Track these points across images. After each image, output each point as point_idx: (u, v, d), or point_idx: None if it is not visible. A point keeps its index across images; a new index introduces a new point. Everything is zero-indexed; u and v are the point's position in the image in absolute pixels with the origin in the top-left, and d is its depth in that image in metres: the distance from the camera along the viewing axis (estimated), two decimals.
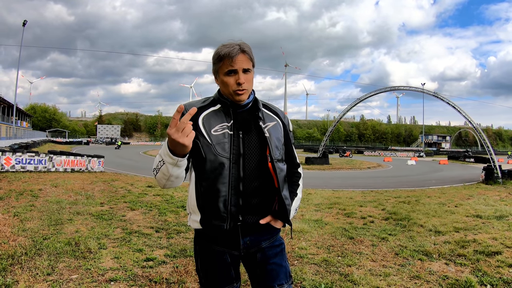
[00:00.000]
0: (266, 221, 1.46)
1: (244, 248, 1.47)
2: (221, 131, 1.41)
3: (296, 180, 1.60)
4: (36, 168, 12.25)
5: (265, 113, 1.51)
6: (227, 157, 1.38)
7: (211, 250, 1.49)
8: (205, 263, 1.51)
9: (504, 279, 3.26)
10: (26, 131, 49.66)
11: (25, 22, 32.48)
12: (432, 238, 4.92)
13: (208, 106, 1.47)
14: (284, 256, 1.56)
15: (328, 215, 6.63)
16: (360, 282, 3.16)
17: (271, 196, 1.47)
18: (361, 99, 26.97)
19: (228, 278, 1.51)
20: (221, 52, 1.39)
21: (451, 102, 20.35)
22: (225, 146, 1.39)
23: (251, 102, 1.48)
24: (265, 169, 1.43)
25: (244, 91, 1.41)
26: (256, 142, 1.44)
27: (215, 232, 1.44)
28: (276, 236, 1.55)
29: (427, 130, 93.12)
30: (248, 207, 1.42)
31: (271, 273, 1.51)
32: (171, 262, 3.55)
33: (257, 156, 1.43)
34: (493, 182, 15.25)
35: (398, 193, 10.92)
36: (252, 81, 1.46)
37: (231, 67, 1.38)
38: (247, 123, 1.46)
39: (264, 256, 1.50)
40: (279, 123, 1.52)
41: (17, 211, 5.47)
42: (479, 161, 33.50)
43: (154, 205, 6.82)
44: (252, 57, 1.45)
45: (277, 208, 1.48)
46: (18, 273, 2.99)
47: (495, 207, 7.88)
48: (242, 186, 1.40)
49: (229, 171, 1.38)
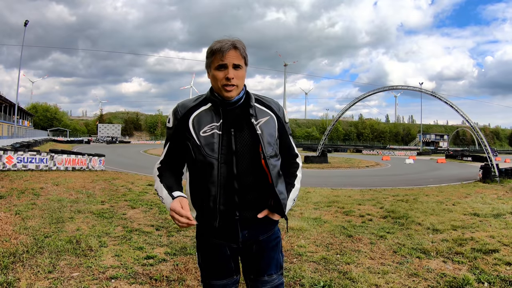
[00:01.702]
0: (263, 215, 1.51)
1: (243, 241, 1.51)
2: (210, 131, 1.43)
3: (294, 171, 1.63)
4: (37, 167, 12.27)
5: (258, 108, 1.51)
6: (216, 158, 1.41)
7: (211, 244, 1.53)
8: (206, 256, 1.56)
9: (502, 277, 3.29)
10: (27, 130, 49.79)
11: (27, 22, 32.46)
12: (430, 236, 4.95)
13: (199, 105, 1.49)
14: (278, 248, 1.62)
15: (327, 213, 6.66)
16: (359, 280, 3.18)
17: (267, 191, 1.49)
18: (360, 99, 27.03)
19: (228, 270, 1.56)
20: (214, 47, 1.42)
21: (448, 101, 20.41)
22: (214, 146, 1.42)
23: (242, 98, 1.49)
24: (258, 165, 1.45)
25: (233, 88, 1.42)
26: (248, 139, 1.46)
27: (209, 228, 1.49)
28: (273, 229, 1.60)
29: (425, 129, 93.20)
30: (244, 203, 1.46)
31: (264, 264, 1.57)
32: (171, 260, 3.57)
33: (250, 153, 1.45)
34: (491, 181, 15.28)
35: (396, 192, 10.94)
36: (243, 78, 1.47)
37: (221, 61, 1.40)
38: (239, 121, 1.47)
39: (259, 247, 1.55)
40: (272, 118, 1.52)
41: (19, 210, 5.48)
42: (477, 159, 33.56)
43: (155, 203, 6.83)
44: (245, 55, 1.45)
45: (273, 203, 1.51)
46: (20, 271, 3.01)
47: (493, 205, 7.91)
48: (237, 183, 1.43)
49: (217, 171, 1.41)
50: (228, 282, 1.56)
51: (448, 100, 20.54)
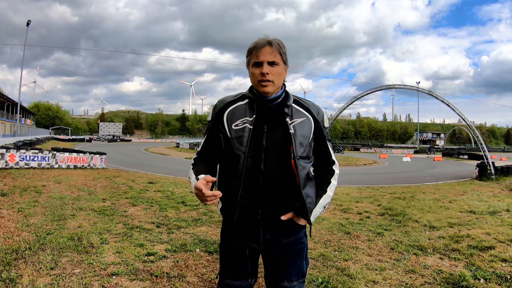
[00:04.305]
0: (287, 217, 1.46)
1: (264, 242, 1.48)
2: (241, 125, 1.44)
3: (328, 177, 1.58)
4: (39, 165, 12.23)
5: (295, 108, 1.50)
6: (243, 151, 1.41)
7: (232, 243, 1.53)
8: (224, 254, 1.57)
9: (497, 273, 3.32)
10: (30, 129, 49.68)
11: (29, 22, 32.19)
12: (427, 233, 5.00)
13: (237, 100, 1.52)
14: (302, 255, 1.56)
15: (325, 211, 6.68)
16: (357, 276, 3.21)
17: (293, 193, 1.45)
18: (357, 98, 27.09)
19: (244, 272, 1.54)
20: (251, 46, 1.47)
21: (445, 100, 20.45)
22: (243, 140, 1.42)
23: (280, 97, 1.49)
24: (287, 165, 1.43)
25: (268, 83, 1.42)
26: (280, 137, 1.44)
27: (230, 224, 1.51)
28: (298, 234, 1.54)
29: (422, 128, 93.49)
30: (268, 201, 1.43)
31: (285, 269, 1.53)
32: (172, 257, 3.59)
33: (280, 152, 1.43)
34: (487, 179, 15.38)
35: (394, 189, 10.99)
36: (280, 75, 1.46)
37: (257, 59, 1.44)
38: (273, 118, 1.46)
39: (281, 250, 1.51)
40: (309, 119, 1.50)
41: (21, 207, 5.49)
42: (473, 157, 33.71)
43: (155, 201, 6.86)
44: (281, 52, 1.45)
45: (299, 205, 1.47)
46: (22, 268, 3.02)
47: (488, 203, 7.98)
48: (263, 180, 1.41)
49: (243, 164, 1.40)
50: (242, 285, 1.54)
51: (444, 99, 20.60)
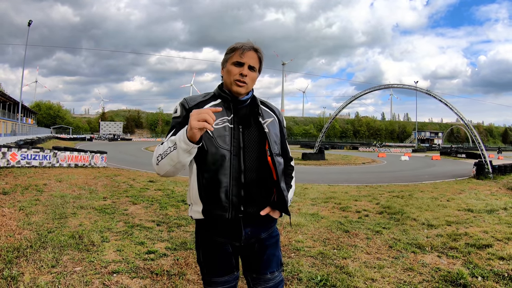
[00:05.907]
0: (266, 212, 1.53)
1: (245, 239, 1.53)
2: (222, 124, 1.46)
3: (290, 172, 1.69)
4: (41, 164, 12.25)
5: (263, 109, 1.58)
6: (228, 149, 1.44)
7: (213, 241, 1.54)
8: (207, 254, 1.56)
9: (495, 271, 3.35)
10: (31, 128, 49.64)
11: (30, 22, 32.07)
12: (425, 231, 5.04)
13: (209, 100, 1.53)
14: (278, 246, 1.66)
15: (324, 209, 6.73)
16: (355, 274, 3.23)
17: (270, 188, 1.54)
18: (356, 97, 27.05)
19: (230, 267, 1.57)
20: (236, 45, 1.50)
21: (443, 100, 20.47)
22: (225, 138, 1.45)
23: (249, 99, 1.56)
24: (264, 162, 1.50)
25: (243, 85, 1.48)
26: (255, 136, 1.51)
27: (217, 221, 1.49)
28: (273, 227, 1.64)
29: (420, 127, 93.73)
30: (249, 198, 1.48)
31: (266, 262, 1.60)
32: (172, 255, 3.61)
33: (257, 150, 1.50)
34: (484, 177, 15.42)
35: (392, 188, 11.04)
36: (254, 81, 1.53)
37: (240, 59, 1.48)
38: (247, 118, 1.53)
39: (261, 246, 1.58)
40: (275, 120, 1.60)
41: (23, 205, 5.51)
42: (471, 156, 33.77)
43: (156, 199, 6.90)
44: (261, 61, 1.54)
45: (276, 199, 1.55)
46: (24, 265, 3.04)
47: (486, 201, 8.03)
48: (244, 178, 1.46)
49: (230, 163, 1.44)
50: (229, 279, 1.57)
51: (442, 98, 20.62)
